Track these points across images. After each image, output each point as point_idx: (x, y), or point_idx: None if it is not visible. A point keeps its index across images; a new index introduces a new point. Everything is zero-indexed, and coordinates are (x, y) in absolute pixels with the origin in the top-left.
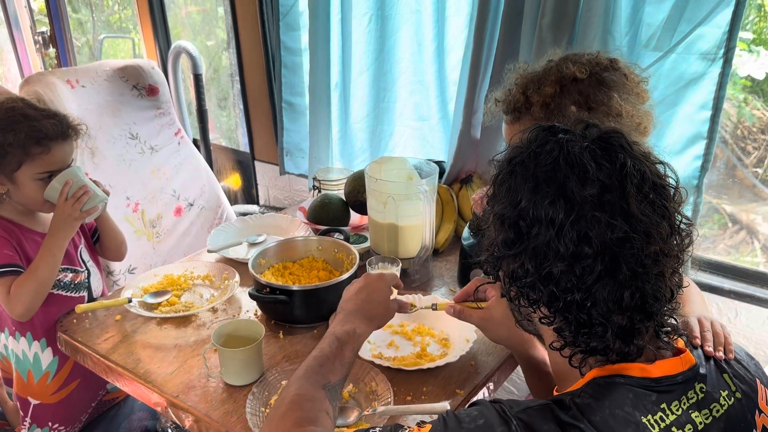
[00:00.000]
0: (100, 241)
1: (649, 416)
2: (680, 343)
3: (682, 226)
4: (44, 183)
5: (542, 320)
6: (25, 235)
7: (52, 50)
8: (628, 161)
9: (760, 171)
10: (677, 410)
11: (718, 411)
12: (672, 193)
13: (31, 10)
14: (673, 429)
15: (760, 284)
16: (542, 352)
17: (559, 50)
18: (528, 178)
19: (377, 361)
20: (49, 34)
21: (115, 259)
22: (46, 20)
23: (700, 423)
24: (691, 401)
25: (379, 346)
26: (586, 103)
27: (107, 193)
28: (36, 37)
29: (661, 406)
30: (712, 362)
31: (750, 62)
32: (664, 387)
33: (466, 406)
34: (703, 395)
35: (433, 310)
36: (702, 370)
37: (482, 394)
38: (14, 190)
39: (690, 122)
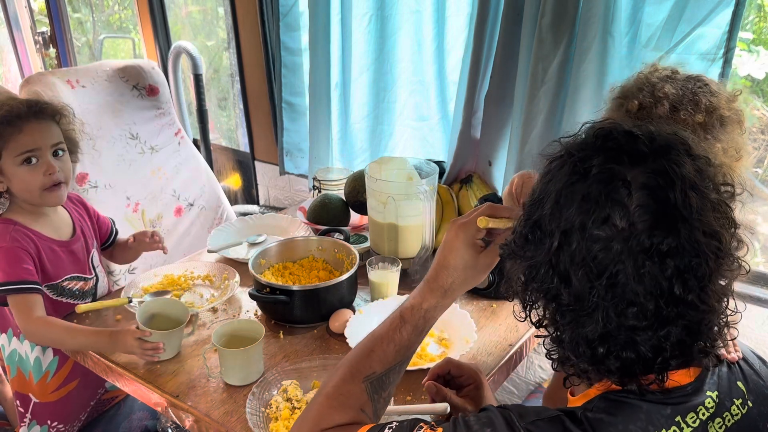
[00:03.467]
0: (116, 256)
1: (663, 431)
2: None
3: (701, 299)
4: (30, 167)
5: (536, 324)
6: (42, 244)
7: (52, 50)
8: (660, 211)
9: (760, 171)
10: (694, 422)
11: (729, 420)
12: (703, 266)
13: (31, 11)
14: None
15: (760, 284)
16: None
17: (666, 66)
18: (556, 187)
19: None
20: (49, 34)
21: (121, 264)
22: (47, 20)
23: None
24: (710, 411)
25: None
26: (715, 139)
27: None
28: (36, 38)
29: (676, 420)
30: (724, 367)
31: (750, 62)
32: (677, 399)
33: (478, 410)
34: (717, 403)
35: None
36: (712, 378)
37: None
38: (10, 184)
39: None
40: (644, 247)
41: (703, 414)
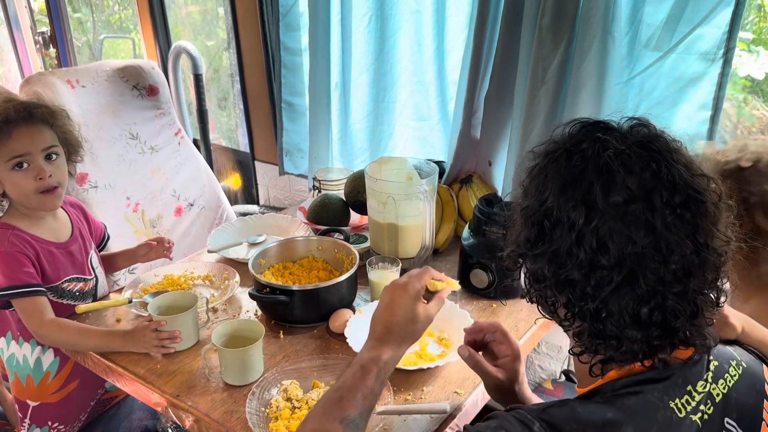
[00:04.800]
0: (114, 264)
1: (677, 400)
2: None
3: (716, 244)
4: (22, 172)
5: (561, 323)
6: (41, 247)
7: (52, 50)
8: (662, 170)
9: None
10: (703, 389)
11: (730, 381)
12: (709, 210)
13: (31, 11)
14: (702, 407)
15: None
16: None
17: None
18: (557, 177)
19: None
20: (49, 34)
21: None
22: (47, 20)
23: (718, 395)
24: (713, 374)
25: None
26: None
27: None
28: (36, 38)
29: (687, 389)
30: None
31: (750, 62)
32: (687, 370)
33: (483, 419)
34: (717, 365)
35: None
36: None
37: (482, 393)
38: (4, 188)
39: (690, 122)
40: (662, 202)
41: (709, 378)
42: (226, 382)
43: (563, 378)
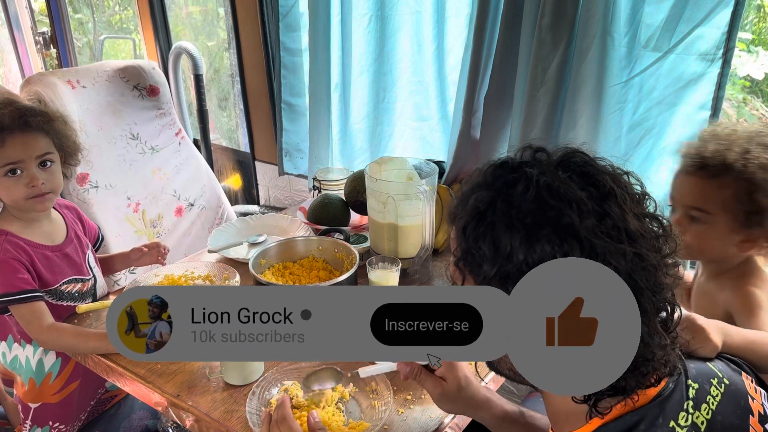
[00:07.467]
0: (111, 267)
1: None
2: None
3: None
4: (14, 178)
5: None
6: (36, 252)
7: (53, 50)
8: (608, 180)
9: None
10: (686, 421)
11: (713, 404)
12: (645, 202)
13: (31, 11)
14: None
15: None
16: (501, 407)
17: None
18: (513, 226)
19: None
20: (49, 34)
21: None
22: (47, 21)
23: (702, 423)
24: (694, 401)
25: None
26: None
27: None
28: (37, 38)
29: (670, 426)
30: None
31: (749, 62)
32: (663, 403)
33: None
34: (697, 390)
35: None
36: (683, 365)
37: None
38: None
39: (689, 122)
40: (625, 203)
41: (689, 407)
42: (226, 381)
43: None
